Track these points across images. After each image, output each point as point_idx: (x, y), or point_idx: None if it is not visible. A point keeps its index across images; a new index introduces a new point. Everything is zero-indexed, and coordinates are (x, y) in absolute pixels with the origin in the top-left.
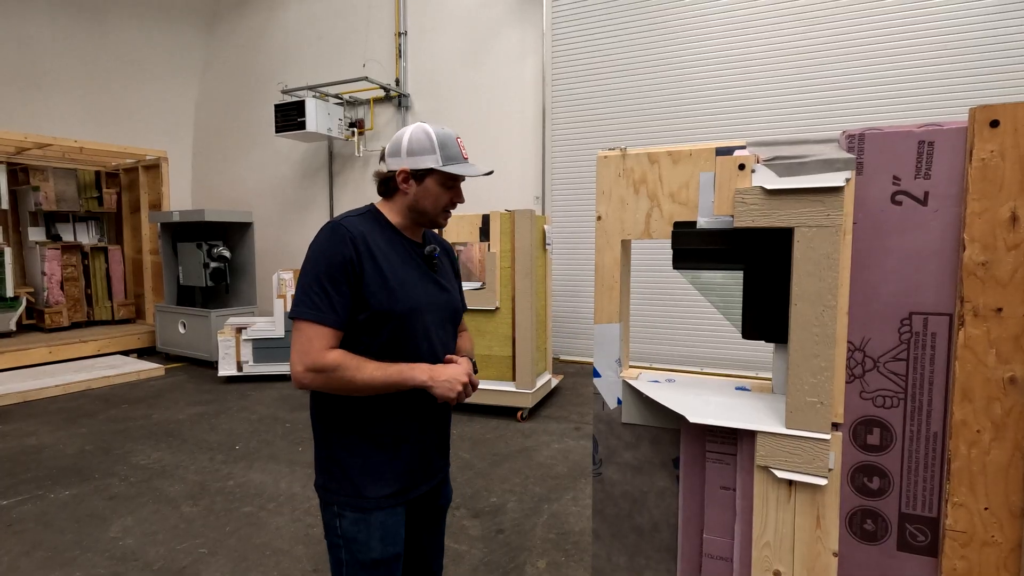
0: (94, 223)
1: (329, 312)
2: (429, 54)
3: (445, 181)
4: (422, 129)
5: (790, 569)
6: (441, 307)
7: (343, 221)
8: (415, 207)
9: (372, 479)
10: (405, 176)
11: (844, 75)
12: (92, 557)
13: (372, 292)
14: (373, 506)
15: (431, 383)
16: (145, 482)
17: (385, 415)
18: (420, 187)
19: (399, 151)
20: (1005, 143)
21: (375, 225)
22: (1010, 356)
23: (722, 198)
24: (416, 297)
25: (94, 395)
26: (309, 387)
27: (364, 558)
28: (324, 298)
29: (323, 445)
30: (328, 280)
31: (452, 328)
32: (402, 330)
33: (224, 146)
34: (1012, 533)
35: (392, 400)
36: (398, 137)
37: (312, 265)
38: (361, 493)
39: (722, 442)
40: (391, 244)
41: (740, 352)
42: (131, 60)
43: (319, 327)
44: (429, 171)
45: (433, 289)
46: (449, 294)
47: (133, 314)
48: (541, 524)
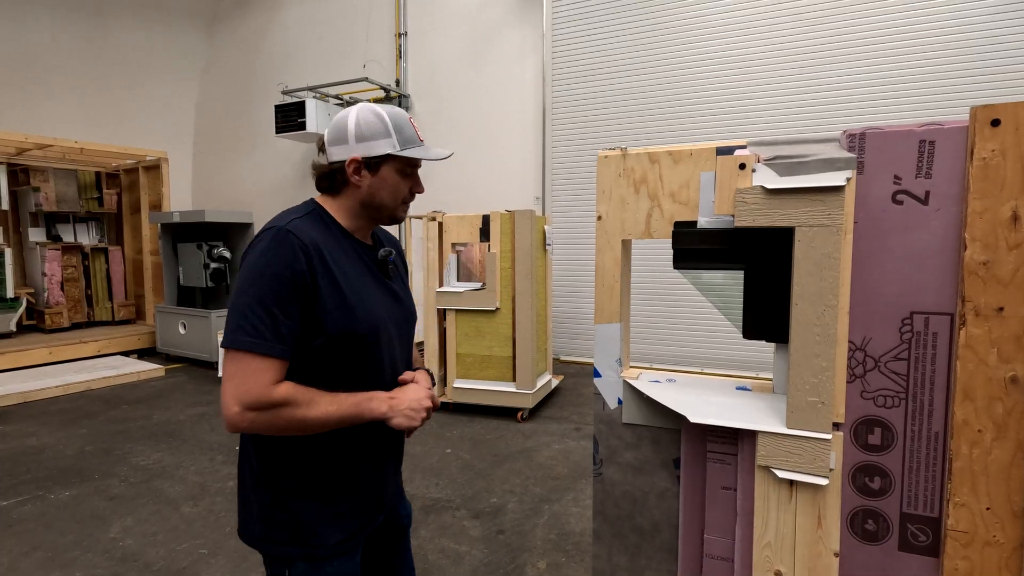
0: (94, 224)
1: (274, 341)
2: (429, 55)
3: (403, 168)
4: (372, 111)
5: (791, 569)
6: (398, 320)
7: (290, 226)
8: (371, 202)
9: (328, 523)
10: (357, 166)
11: (845, 74)
12: (92, 558)
13: (328, 312)
14: (330, 554)
15: (391, 413)
16: (145, 483)
17: (339, 450)
18: (375, 177)
19: (345, 137)
20: (1006, 142)
21: (323, 228)
22: (1011, 356)
23: (723, 198)
24: (376, 314)
25: (94, 396)
26: (248, 430)
27: None
28: (269, 323)
29: (264, 490)
30: (275, 301)
31: (410, 340)
32: (363, 354)
33: (224, 147)
34: (1014, 533)
35: (348, 434)
36: (341, 121)
37: (254, 281)
38: (315, 541)
39: (723, 442)
40: (343, 251)
41: (741, 352)
42: (131, 61)
43: (262, 359)
44: (385, 158)
45: (389, 301)
46: (404, 304)
47: (133, 315)
48: (542, 525)
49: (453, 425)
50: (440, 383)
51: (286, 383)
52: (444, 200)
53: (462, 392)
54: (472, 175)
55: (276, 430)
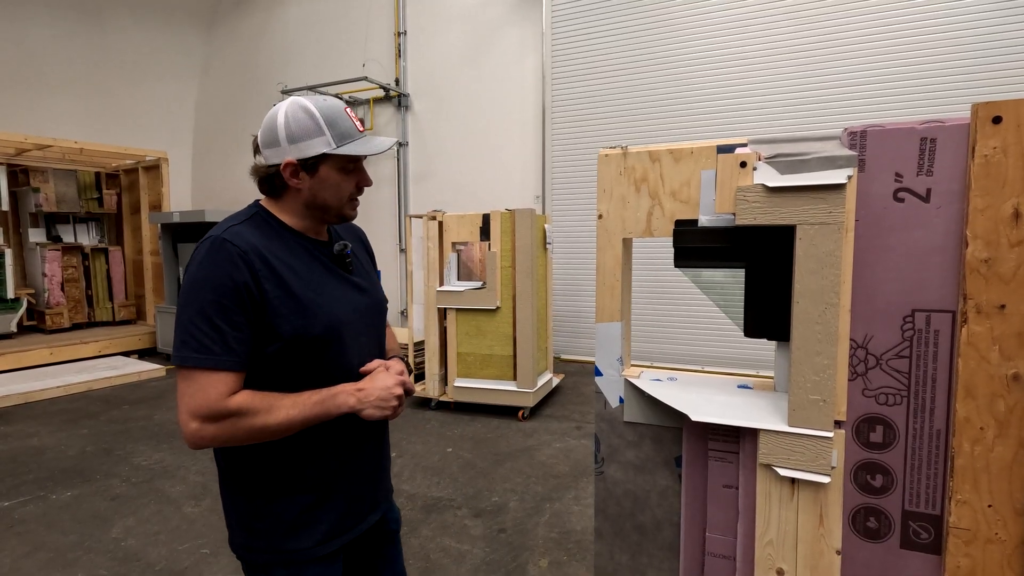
0: (94, 224)
1: (223, 353)
2: (429, 54)
3: (344, 165)
4: (299, 106)
5: (793, 567)
6: (364, 312)
7: (226, 234)
8: (313, 203)
9: (304, 527)
10: (293, 169)
11: (846, 72)
12: (94, 558)
13: (281, 317)
14: (307, 558)
15: (360, 406)
16: (147, 483)
17: (313, 451)
18: (314, 178)
19: (277, 139)
20: (1008, 139)
21: (268, 231)
22: (1013, 353)
23: (723, 196)
24: (334, 310)
25: (95, 396)
26: (210, 444)
27: None
28: (214, 336)
29: (240, 498)
30: (218, 313)
31: (380, 333)
32: (325, 353)
33: (224, 147)
34: (1016, 530)
35: (319, 433)
36: (271, 121)
37: (194, 295)
38: (291, 547)
39: (724, 440)
40: (291, 251)
41: (742, 350)
42: (131, 61)
43: (213, 374)
44: (322, 157)
45: (352, 295)
46: (370, 295)
47: (134, 315)
48: (543, 523)
49: (454, 424)
50: (441, 382)
51: (243, 392)
52: (444, 199)
53: (463, 391)
54: (472, 174)
55: (239, 441)
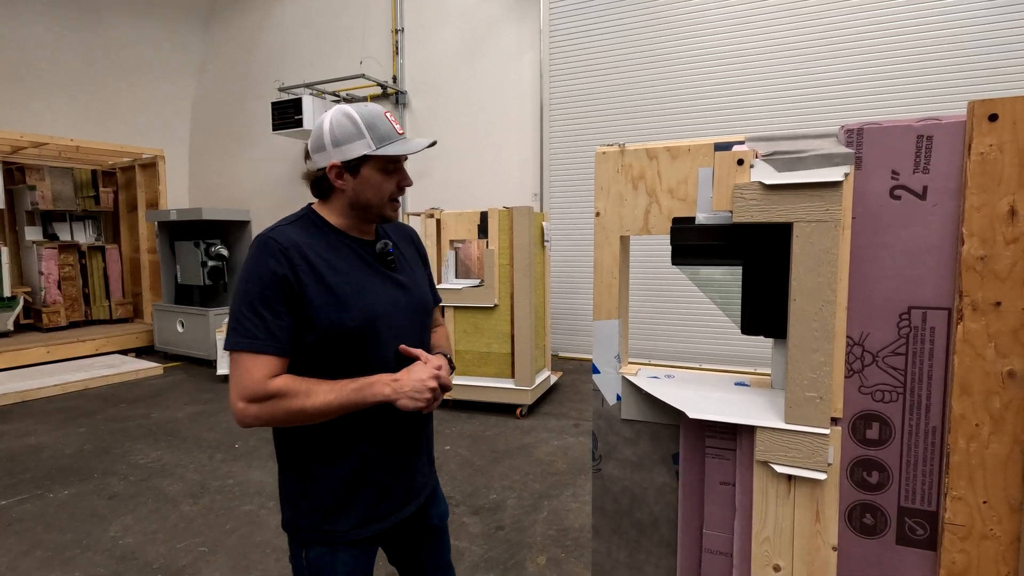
0: (91, 222)
1: (266, 339)
2: (426, 51)
3: (384, 166)
4: (342, 113)
5: (789, 563)
6: (405, 308)
7: (271, 232)
8: (357, 203)
9: (339, 513)
10: (337, 171)
11: (843, 70)
12: (92, 556)
13: (317, 309)
14: (342, 540)
15: (395, 395)
16: (144, 481)
17: (350, 440)
18: (357, 179)
19: (323, 144)
20: (1004, 137)
21: (313, 230)
22: (1009, 350)
23: (721, 193)
24: (372, 305)
25: (92, 394)
26: (255, 423)
27: None
28: (259, 323)
29: (290, 478)
30: (261, 303)
31: (424, 330)
32: (363, 345)
33: (221, 144)
34: (1011, 526)
35: (356, 423)
36: (318, 128)
37: (243, 287)
38: (329, 527)
39: (721, 437)
40: (334, 249)
41: (739, 348)
42: (127, 58)
43: (257, 357)
44: (363, 159)
45: (392, 291)
46: (413, 292)
47: (131, 313)
48: (541, 520)
49: (452, 422)
50: None
51: (284, 376)
52: (442, 197)
53: (461, 389)
54: (470, 172)
55: (280, 421)
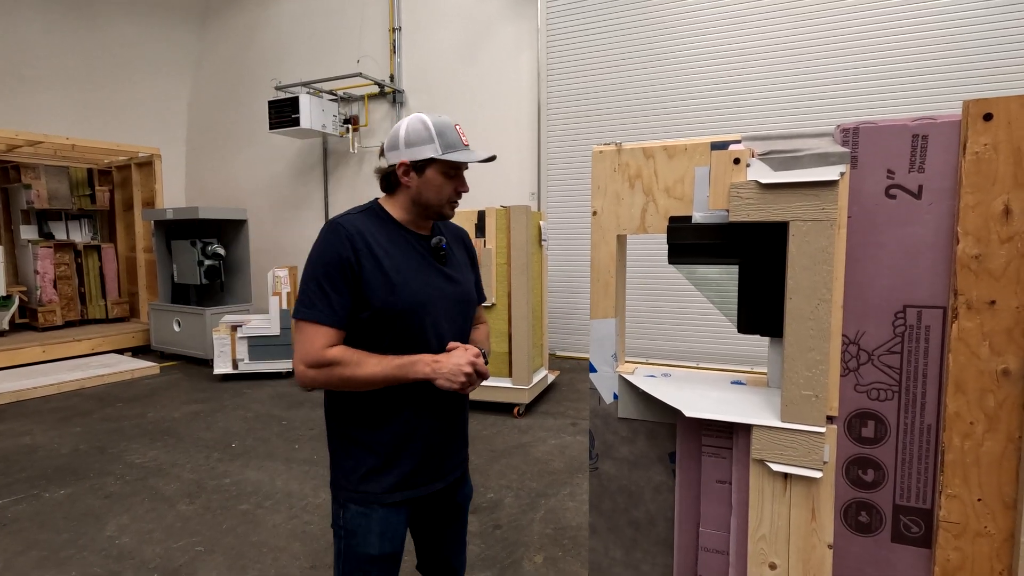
0: (87, 221)
1: (327, 311)
2: (423, 50)
3: (446, 170)
4: (419, 119)
5: (785, 561)
6: (450, 299)
7: (341, 219)
8: (419, 200)
9: (377, 475)
10: (405, 168)
11: (838, 69)
12: (88, 556)
13: (373, 290)
14: (374, 500)
15: (434, 375)
16: (141, 480)
17: (394, 411)
18: (421, 179)
19: (397, 144)
20: (998, 136)
21: (377, 221)
22: (1003, 348)
23: (717, 192)
24: (420, 291)
25: (88, 394)
26: (311, 385)
27: (361, 552)
28: (322, 297)
29: (334, 441)
30: (326, 279)
31: (465, 321)
32: (408, 327)
33: (218, 143)
34: (1005, 524)
35: (400, 396)
36: (395, 130)
37: (311, 265)
38: (365, 488)
39: (718, 436)
40: (393, 239)
41: (735, 347)
42: (123, 56)
43: (317, 326)
44: (429, 161)
45: (440, 282)
46: (459, 285)
47: (127, 312)
48: (538, 519)
49: None
50: None
51: (340, 347)
52: None
53: None
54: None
55: (334, 386)
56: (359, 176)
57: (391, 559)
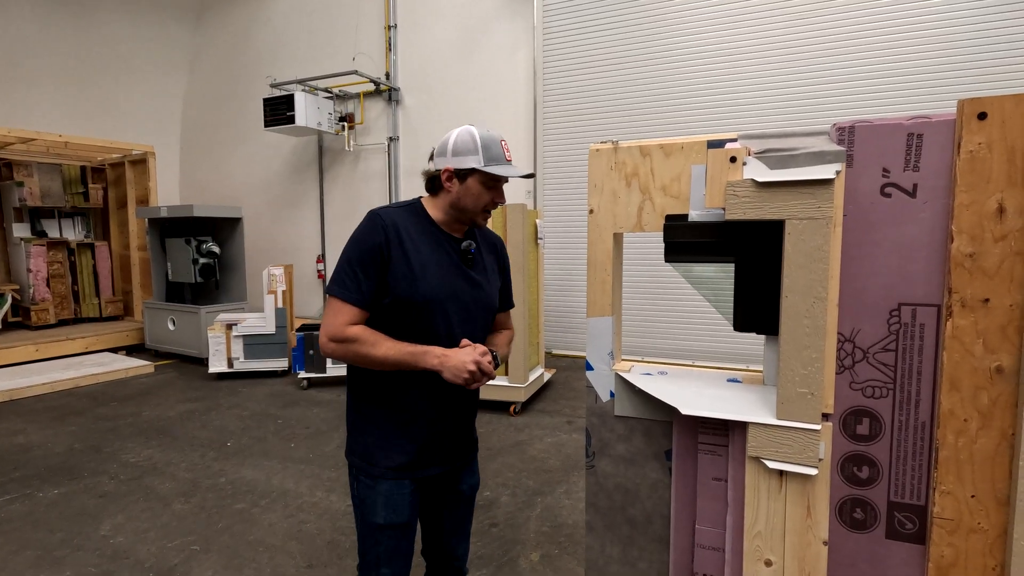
0: (80, 219)
1: (355, 292)
2: (419, 47)
3: (486, 181)
4: (468, 131)
5: (781, 558)
6: (468, 301)
7: (381, 210)
8: (457, 204)
9: (382, 450)
10: (449, 175)
11: (834, 68)
12: (82, 556)
13: (396, 278)
14: (379, 474)
15: (440, 367)
16: (135, 480)
17: (403, 393)
18: (462, 186)
19: (445, 151)
20: (992, 135)
21: (414, 217)
22: (997, 346)
23: (714, 191)
24: (438, 288)
25: (82, 393)
26: (332, 356)
27: (371, 521)
28: (353, 279)
29: (351, 414)
30: (358, 263)
31: (482, 323)
32: (422, 318)
33: (212, 140)
34: (998, 520)
35: (411, 380)
36: (446, 138)
37: (349, 248)
38: (372, 461)
39: (714, 433)
40: (424, 236)
41: (731, 345)
42: (117, 53)
43: (344, 304)
44: (472, 171)
45: (461, 283)
46: (480, 289)
47: (121, 311)
48: (534, 517)
49: None
50: None
51: (360, 326)
52: None
53: None
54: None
55: (351, 360)
56: (355, 174)
57: (398, 529)
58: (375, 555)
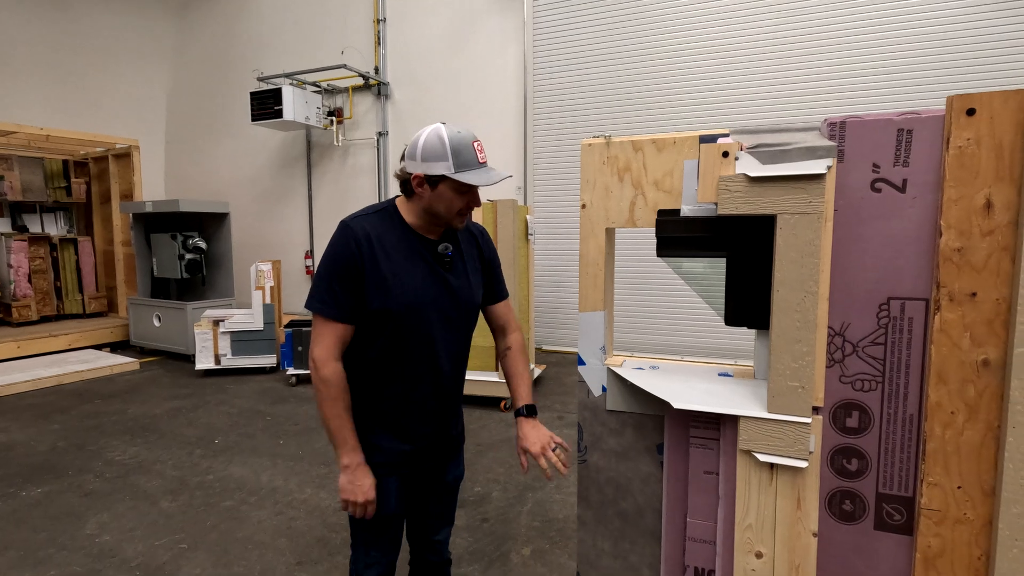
0: (62, 214)
1: (333, 307)
2: (408, 42)
3: (458, 187)
4: (436, 134)
5: (771, 550)
6: (447, 306)
7: (352, 221)
8: (430, 210)
9: (366, 447)
10: (419, 181)
11: (825, 64)
12: (67, 555)
13: (371, 291)
14: (374, 468)
15: (342, 475)
16: (121, 478)
17: (388, 390)
18: (434, 192)
19: (415, 155)
20: (981, 131)
21: (388, 224)
22: (984, 339)
23: (706, 185)
24: (414, 297)
25: (66, 390)
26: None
27: None
28: (329, 294)
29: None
30: (334, 278)
31: (465, 327)
32: (401, 329)
33: (198, 134)
34: (983, 511)
35: (396, 377)
36: (415, 140)
37: (324, 262)
38: (367, 452)
39: (705, 427)
40: (399, 243)
41: (721, 340)
42: (100, 46)
43: (327, 322)
44: (442, 177)
45: (439, 289)
46: (459, 293)
47: (105, 307)
48: (525, 512)
49: None
50: None
51: (338, 370)
52: None
53: None
54: None
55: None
56: (343, 169)
57: (386, 519)
58: (364, 539)
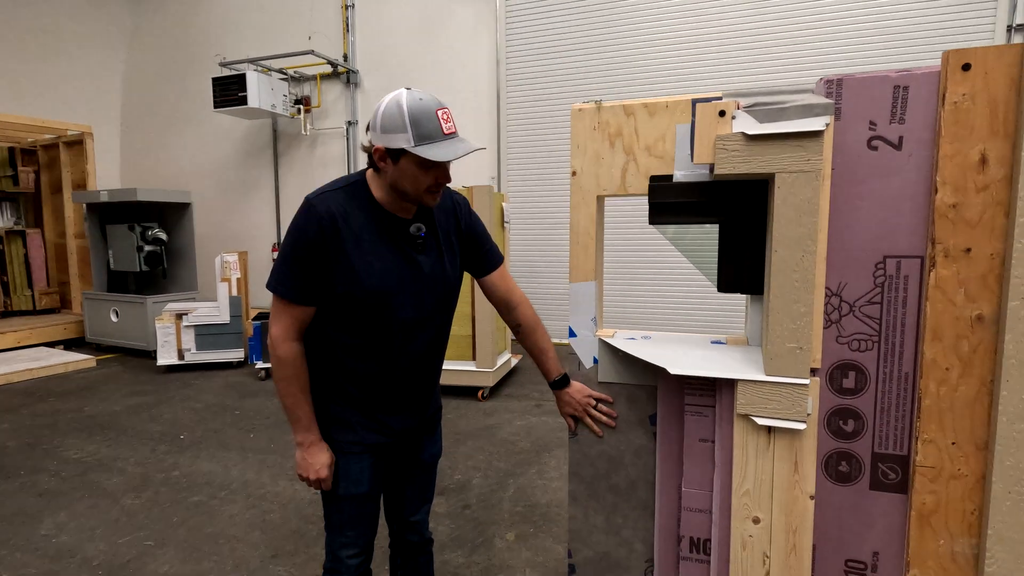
0: (9, 205)
1: (293, 289)
2: (378, 29)
3: (422, 162)
4: (396, 103)
5: (769, 515)
6: (420, 290)
7: (317, 199)
8: (395, 186)
9: (339, 426)
10: (380, 154)
11: (818, 27)
12: (21, 556)
13: (336, 275)
14: (337, 449)
15: (297, 451)
16: (79, 476)
17: (360, 368)
18: (396, 167)
19: (375, 126)
20: (976, 86)
21: (356, 201)
22: (977, 295)
23: (702, 146)
24: (382, 281)
25: (15, 389)
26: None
27: (332, 492)
28: (290, 276)
29: (314, 392)
30: (295, 260)
31: (441, 308)
32: (371, 311)
33: (157, 122)
34: (977, 465)
35: (367, 355)
36: (377, 108)
37: (286, 242)
38: (330, 436)
39: (701, 394)
40: (368, 223)
41: (708, 314)
42: (50, 28)
43: (286, 305)
44: (402, 151)
45: (410, 272)
46: (434, 275)
47: (57, 303)
48: (508, 498)
49: None
50: None
51: (296, 349)
52: None
53: None
54: None
55: (272, 369)
56: (311, 159)
57: (359, 498)
58: (339, 520)
